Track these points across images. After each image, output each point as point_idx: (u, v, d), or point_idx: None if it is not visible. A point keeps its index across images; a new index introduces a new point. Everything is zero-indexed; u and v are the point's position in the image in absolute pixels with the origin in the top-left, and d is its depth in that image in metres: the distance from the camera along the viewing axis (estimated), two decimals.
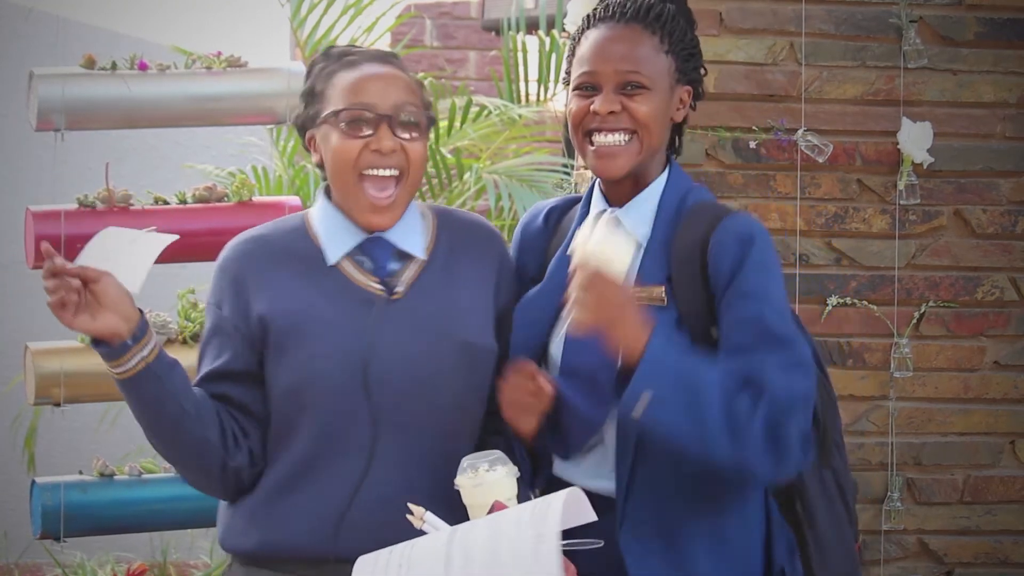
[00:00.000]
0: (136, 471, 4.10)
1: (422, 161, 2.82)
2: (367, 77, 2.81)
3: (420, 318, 2.80)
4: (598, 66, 2.81)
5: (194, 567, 6.14)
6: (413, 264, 2.84)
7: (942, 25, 3.94)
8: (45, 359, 4.00)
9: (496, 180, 5.50)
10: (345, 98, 2.79)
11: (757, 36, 3.91)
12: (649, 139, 2.81)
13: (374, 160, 2.78)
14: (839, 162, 3.92)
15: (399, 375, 2.77)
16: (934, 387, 3.96)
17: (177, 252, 4.10)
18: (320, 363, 2.74)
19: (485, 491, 2.61)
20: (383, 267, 2.83)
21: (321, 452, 2.77)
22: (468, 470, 2.63)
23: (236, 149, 6.28)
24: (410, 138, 2.79)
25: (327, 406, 2.76)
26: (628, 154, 2.80)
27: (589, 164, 2.86)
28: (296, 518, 2.78)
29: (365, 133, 2.78)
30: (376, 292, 2.80)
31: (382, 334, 2.77)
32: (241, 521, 2.84)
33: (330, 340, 2.76)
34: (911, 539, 3.96)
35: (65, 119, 3.99)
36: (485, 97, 6.02)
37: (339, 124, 2.79)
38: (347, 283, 2.81)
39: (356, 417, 2.76)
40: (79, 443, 5.68)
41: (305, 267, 2.82)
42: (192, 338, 4.03)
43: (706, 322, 2.74)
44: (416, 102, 2.83)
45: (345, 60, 2.85)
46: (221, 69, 4.10)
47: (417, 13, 7.11)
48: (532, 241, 2.99)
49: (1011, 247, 3.96)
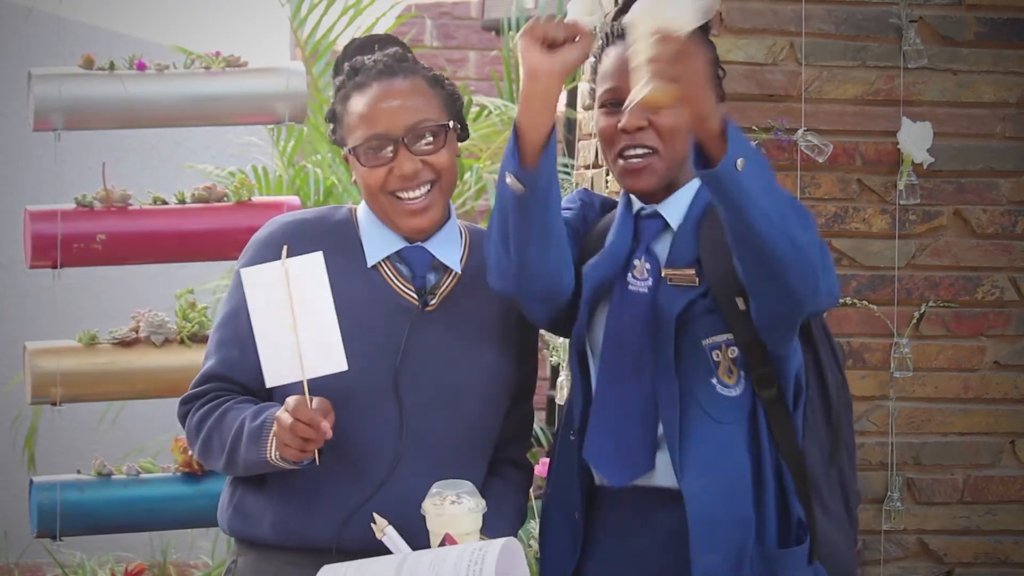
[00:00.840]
0: (134, 471, 4.10)
1: (450, 166, 2.87)
2: (376, 100, 2.84)
3: (451, 332, 2.85)
4: (621, 81, 2.82)
5: (194, 567, 6.14)
6: (448, 277, 2.89)
7: (942, 25, 3.94)
8: (42, 358, 4.00)
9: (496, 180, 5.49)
10: (360, 130, 2.84)
11: (757, 36, 3.90)
12: (675, 151, 2.84)
13: (402, 184, 2.83)
14: (839, 162, 3.91)
15: (428, 384, 2.81)
16: (934, 387, 3.96)
17: (176, 252, 4.13)
18: (354, 362, 2.74)
19: (443, 522, 2.65)
20: (421, 277, 2.87)
21: (347, 451, 2.79)
22: (435, 496, 2.67)
23: (236, 149, 6.28)
24: (431, 151, 2.83)
25: (357, 406, 2.78)
26: (655, 169, 2.84)
27: (618, 180, 2.90)
28: (313, 510, 2.80)
29: (385, 157, 2.82)
30: (411, 301, 2.85)
31: (414, 343, 2.82)
32: (255, 507, 2.85)
33: (365, 339, 2.79)
34: (911, 539, 3.95)
35: (63, 119, 4.00)
36: (485, 97, 6.03)
37: (360, 159, 2.84)
38: (385, 287, 2.85)
39: (384, 420, 2.80)
40: (79, 443, 5.68)
41: (347, 262, 2.85)
42: (190, 338, 4.03)
43: (732, 290, 2.78)
44: (431, 111, 2.85)
45: (356, 81, 2.87)
46: (220, 69, 4.10)
47: (417, 13, 7.11)
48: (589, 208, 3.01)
49: (1011, 247, 3.96)
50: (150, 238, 4.08)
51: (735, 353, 2.81)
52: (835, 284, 2.83)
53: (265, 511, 2.84)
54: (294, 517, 2.81)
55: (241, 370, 2.84)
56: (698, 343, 2.80)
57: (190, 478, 4.09)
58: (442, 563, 2.56)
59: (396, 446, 2.79)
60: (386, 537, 2.67)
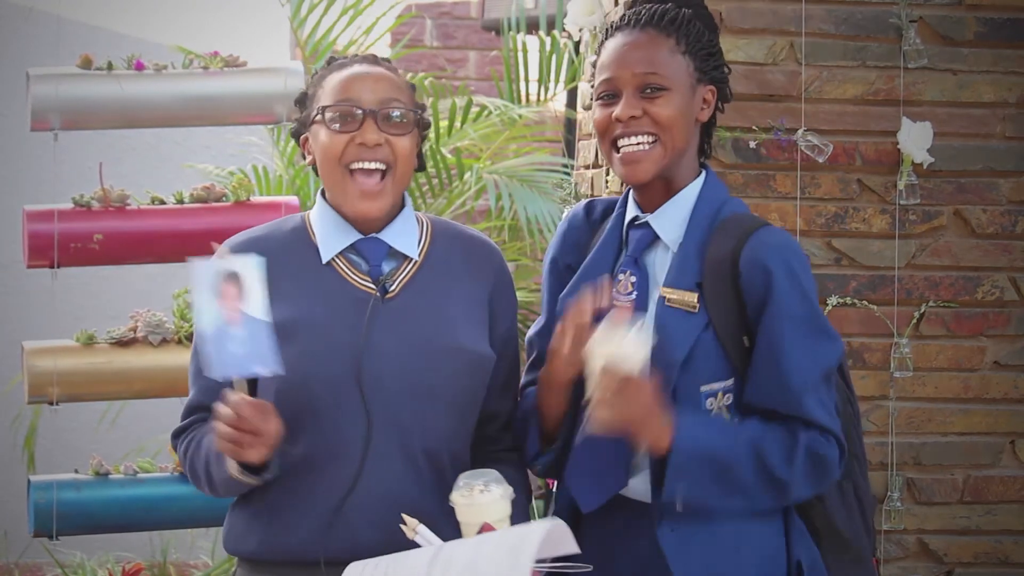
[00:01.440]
0: (132, 471, 4.10)
1: (409, 155, 2.86)
2: (354, 75, 2.86)
3: (413, 318, 2.82)
4: (617, 72, 2.83)
5: (194, 567, 6.14)
6: (407, 265, 2.86)
7: (942, 25, 3.93)
8: (39, 358, 4.00)
9: (496, 180, 5.50)
10: (332, 96, 2.85)
11: (757, 36, 3.90)
12: (672, 141, 2.82)
13: (360, 153, 2.82)
14: (839, 162, 3.91)
15: (392, 374, 2.78)
16: (934, 387, 3.95)
17: (174, 252, 4.12)
18: (313, 361, 2.75)
19: (476, 512, 2.65)
20: (377, 267, 2.85)
21: (316, 452, 2.77)
22: (463, 488, 2.66)
23: (236, 149, 6.29)
24: (396, 133, 2.83)
25: (321, 405, 2.76)
26: (652, 158, 2.82)
27: (616, 171, 2.88)
28: (293, 519, 2.79)
29: (351, 128, 2.82)
30: (368, 291, 2.82)
31: (375, 333, 2.79)
32: (241, 523, 2.85)
33: (323, 338, 2.77)
34: (911, 539, 3.95)
35: (60, 119, 4.00)
36: (485, 97, 6.02)
37: (326, 121, 2.84)
38: (341, 282, 2.83)
39: (350, 416, 2.77)
40: (79, 443, 5.68)
41: (300, 266, 2.84)
42: (187, 338, 4.03)
43: (737, 330, 2.77)
44: (403, 99, 2.86)
45: (335, 63, 2.91)
46: (218, 69, 4.10)
47: (417, 13, 7.11)
48: (576, 231, 3.01)
49: (1011, 247, 3.96)
50: (147, 238, 4.08)
51: (730, 400, 2.79)
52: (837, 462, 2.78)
53: (252, 527, 2.82)
54: (276, 529, 2.79)
55: (219, 394, 2.80)
56: (695, 387, 2.78)
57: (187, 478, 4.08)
58: (482, 544, 2.55)
59: (364, 442, 2.76)
60: (418, 536, 2.65)
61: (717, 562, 2.76)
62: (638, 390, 2.65)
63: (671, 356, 2.75)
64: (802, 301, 2.77)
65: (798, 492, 2.75)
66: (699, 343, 2.76)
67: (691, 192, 2.87)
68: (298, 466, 2.77)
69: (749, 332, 2.78)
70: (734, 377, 2.78)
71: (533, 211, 5.30)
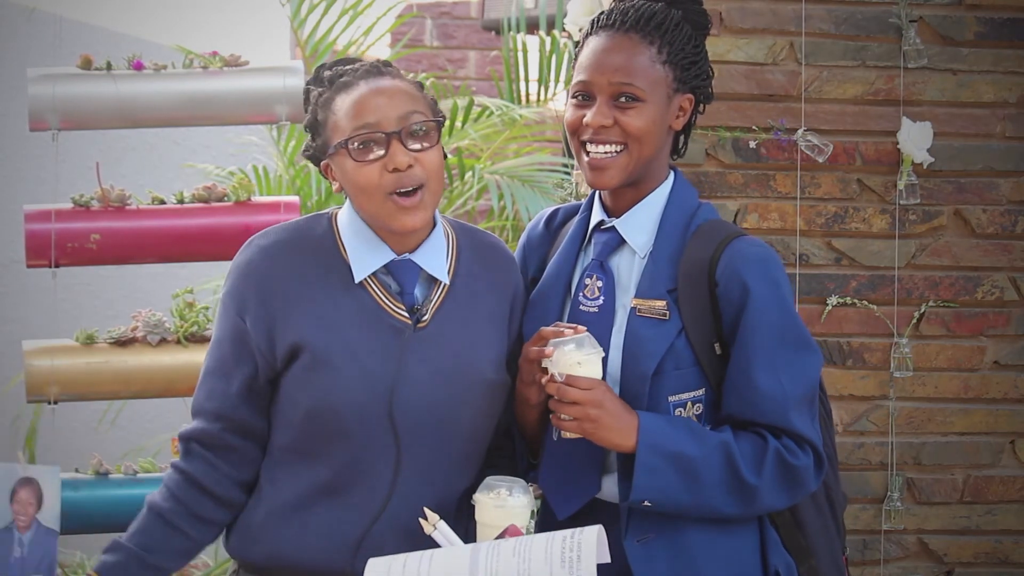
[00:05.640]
0: (132, 470, 4.09)
1: (439, 168, 2.78)
2: (365, 96, 2.75)
3: (443, 351, 2.79)
4: (593, 76, 2.80)
5: (194, 567, 6.13)
6: (437, 289, 2.82)
7: (942, 25, 3.94)
8: (38, 357, 4.00)
9: (497, 180, 5.50)
10: (349, 122, 2.74)
11: (757, 36, 3.90)
12: (640, 151, 2.80)
13: (398, 181, 2.73)
14: (839, 162, 3.91)
15: (422, 404, 2.76)
16: (934, 387, 3.96)
17: (173, 251, 4.12)
18: (347, 390, 2.73)
19: (505, 514, 2.64)
20: (409, 293, 2.80)
21: (344, 476, 2.76)
22: (492, 490, 2.65)
23: (236, 149, 6.29)
24: (422, 148, 2.74)
25: (352, 432, 2.75)
26: (619, 165, 2.80)
27: (583, 173, 2.86)
28: (313, 536, 2.78)
29: (377, 154, 2.73)
30: (403, 320, 2.78)
31: (408, 364, 2.77)
32: (250, 530, 2.84)
33: (358, 367, 2.74)
34: (911, 539, 3.95)
35: (58, 119, 3.99)
36: (486, 97, 6.02)
37: (351, 152, 2.74)
38: (375, 306, 2.78)
39: (381, 444, 2.76)
40: (79, 442, 5.68)
41: (332, 282, 2.79)
42: (187, 338, 4.03)
43: (710, 338, 2.76)
44: (420, 107, 2.78)
45: (339, 83, 2.80)
46: (218, 69, 4.10)
47: (417, 13, 7.11)
48: (535, 245, 3.00)
49: (1011, 247, 3.96)
50: (146, 237, 4.08)
51: (700, 411, 2.77)
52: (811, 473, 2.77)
53: (263, 536, 2.81)
54: (285, 543, 2.79)
55: (225, 398, 2.81)
56: (662, 397, 2.76)
57: None
58: (527, 552, 2.52)
59: (392, 471, 2.76)
60: (437, 532, 2.64)
61: (684, 573, 2.74)
62: (593, 397, 2.66)
63: (643, 366, 2.74)
64: (783, 315, 2.75)
65: (769, 500, 2.73)
66: (671, 351, 2.75)
67: (659, 196, 2.85)
68: (324, 487, 2.76)
69: (721, 341, 2.76)
70: (705, 387, 2.77)
71: (534, 211, 5.30)
